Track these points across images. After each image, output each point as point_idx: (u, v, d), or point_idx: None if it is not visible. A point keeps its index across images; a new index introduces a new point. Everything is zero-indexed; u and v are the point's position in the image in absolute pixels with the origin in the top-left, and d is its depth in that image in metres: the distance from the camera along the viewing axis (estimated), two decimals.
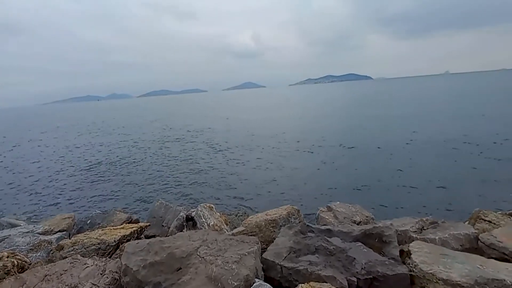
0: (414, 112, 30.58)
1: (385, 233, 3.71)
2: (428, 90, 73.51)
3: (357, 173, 12.31)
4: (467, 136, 17.15)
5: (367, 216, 5.41)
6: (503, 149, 13.78)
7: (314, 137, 20.69)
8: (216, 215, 5.53)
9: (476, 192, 9.51)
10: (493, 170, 11.26)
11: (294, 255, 3.51)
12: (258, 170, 13.81)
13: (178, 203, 9.56)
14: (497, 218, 5.47)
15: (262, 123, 31.65)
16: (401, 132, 20.02)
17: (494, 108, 28.68)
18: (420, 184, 10.54)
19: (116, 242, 4.54)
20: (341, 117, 32.50)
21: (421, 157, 13.71)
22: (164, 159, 17.48)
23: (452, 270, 2.81)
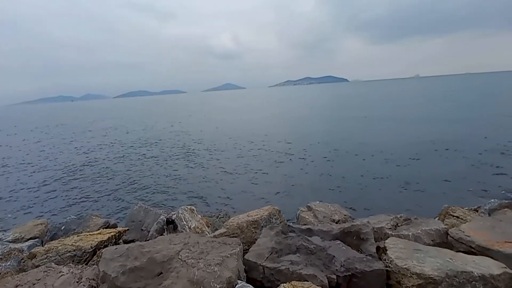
0: (387, 114, 31.90)
1: (363, 230, 3.82)
2: (400, 93, 76.95)
3: (334, 173, 12.62)
4: (434, 137, 18.13)
5: (345, 214, 5.55)
6: (467, 149, 14.70)
7: (293, 139, 20.97)
8: (197, 218, 5.43)
9: (444, 190, 10.07)
10: (459, 168, 11.97)
11: (276, 255, 3.52)
12: (238, 172, 13.77)
13: (158, 207, 9.31)
14: (464, 214, 5.82)
15: (241, 124, 31.66)
16: (375, 134, 20.80)
17: (459, 110, 30.58)
18: (393, 183, 10.99)
19: (93, 248, 4.33)
20: (319, 118, 33.22)
21: (393, 157, 14.30)
22: (142, 162, 16.96)
23: (425, 264, 2.94)
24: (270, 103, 74.82)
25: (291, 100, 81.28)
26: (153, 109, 79.61)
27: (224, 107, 69.47)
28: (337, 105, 51.32)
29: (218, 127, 30.69)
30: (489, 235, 3.61)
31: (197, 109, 67.40)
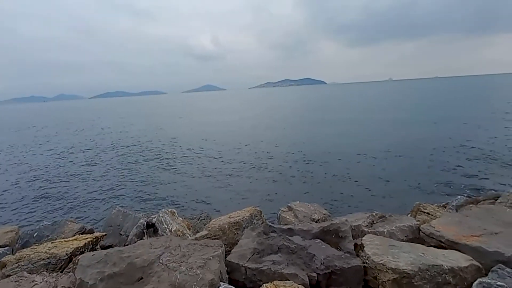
0: (361, 116, 33.01)
1: (341, 229, 3.91)
2: (374, 95, 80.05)
3: (313, 173, 12.85)
4: (404, 138, 19.04)
5: (324, 213, 5.65)
6: (435, 149, 15.53)
7: (272, 140, 21.17)
8: (178, 220, 5.31)
9: (415, 187, 10.58)
10: (428, 167, 12.63)
11: (257, 256, 3.52)
12: (218, 173, 13.66)
13: (137, 210, 9.01)
14: (434, 210, 6.12)
15: (221, 126, 31.49)
16: (350, 135, 21.46)
17: (428, 112, 32.26)
18: (368, 182, 11.38)
19: (69, 255, 4.10)
20: (298, 121, 33.77)
21: (367, 157, 14.82)
22: (119, 165, 16.36)
23: (400, 259, 3.06)
24: (251, 104, 75.04)
25: (271, 102, 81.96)
26: (131, 110, 77.16)
27: (204, 108, 68.78)
28: (315, 107, 52.44)
29: (198, 129, 30.34)
30: (457, 230, 3.82)
31: (177, 110, 66.17)
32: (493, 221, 4.02)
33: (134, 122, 40.82)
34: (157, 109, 73.94)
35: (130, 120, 45.62)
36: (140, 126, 35.33)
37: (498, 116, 26.49)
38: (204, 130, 28.90)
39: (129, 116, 55.19)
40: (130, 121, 43.71)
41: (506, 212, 4.28)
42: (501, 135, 18.20)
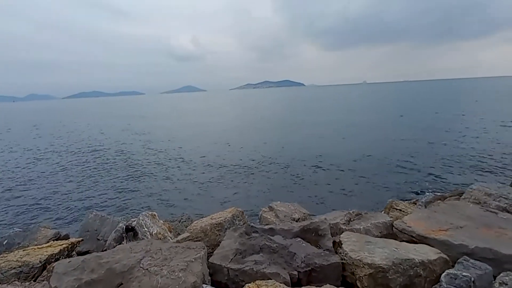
0: (338, 118, 33.95)
1: (320, 227, 3.99)
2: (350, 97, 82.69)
3: (293, 174, 13.01)
4: (378, 139, 19.82)
5: (304, 213, 5.74)
6: (405, 149, 16.31)
7: (252, 141, 21.25)
8: (159, 223, 5.16)
9: (389, 186, 11.03)
10: (399, 166, 13.21)
11: (240, 256, 3.50)
12: (199, 175, 13.47)
13: (116, 214, 8.66)
14: (405, 207, 6.42)
15: (201, 127, 31.13)
16: (327, 137, 21.99)
17: (398, 114, 33.81)
18: (345, 181, 11.71)
19: (42, 262, 3.84)
20: (277, 121, 34.11)
21: (343, 158, 15.25)
22: (96, 167, 15.66)
23: (375, 254, 3.17)
24: (231, 106, 74.81)
25: (251, 103, 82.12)
26: (106, 111, 74.10)
27: (184, 109, 67.57)
28: (294, 109, 53.27)
29: (177, 130, 29.76)
30: (426, 225, 4.03)
31: (155, 111, 64.36)
32: (458, 215, 4.28)
33: (110, 124, 39.23)
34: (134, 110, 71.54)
35: (106, 121, 43.79)
36: (116, 127, 33.98)
37: (459, 118, 28.33)
38: (184, 131, 28.38)
39: (105, 117, 52.94)
40: (106, 122, 41.95)
41: (469, 207, 4.57)
42: (463, 135, 19.47)
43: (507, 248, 3.21)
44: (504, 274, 2.68)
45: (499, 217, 4.13)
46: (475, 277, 2.66)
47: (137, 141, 23.40)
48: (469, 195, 5.23)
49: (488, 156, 14.02)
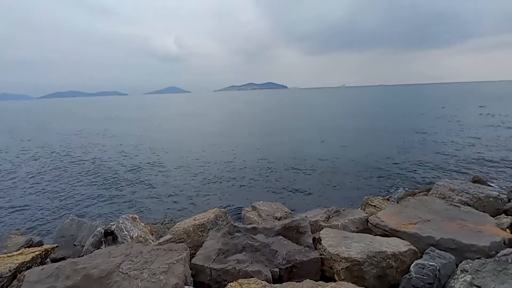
0: (318, 120, 34.77)
1: (301, 224, 4.08)
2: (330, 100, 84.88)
3: (275, 174, 13.12)
4: (355, 140, 20.53)
5: (286, 211, 5.82)
6: (380, 149, 17.02)
7: (235, 142, 21.20)
8: (140, 226, 5.02)
9: (365, 184, 11.44)
10: (374, 165, 13.75)
11: (223, 256, 3.49)
12: (182, 176, 13.22)
13: (94, 218, 8.30)
14: (379, 203, 6.70)
15: (183, 129, 30.60)
16: (307, 139, 22.32)
17: (374, 116, 35.24)
18: (325, 181, 11.99)
19: (12, 271, 3.59)
20: (260, 123, 34.28)
21: (322, 158, 15.59)
22: (73, 169, 14.90)
23: (351, 249, 3.29)
24: (215, 107, 74.17)
25: (235, 105, 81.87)
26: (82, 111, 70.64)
27: (167, 111, 65.97)
28: (277, 111, 53.75)
29: (159, 132, 29.01)
30: (397, 219, 4.24)
31: (137, 112, 62.30)
32: (426, 210, 4.54)
33: (87, 125, 37.43)
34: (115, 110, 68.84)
35: (83, 122, 41.73)
36: (93, 129, 32.47)
37: (428, 121, 30.03)
38: (165, 133, 27.67)
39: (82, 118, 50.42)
40: (82, 123, 39.99)
41: (436, 202, 4.86)
42: (431, 137, 20.65)
43: (467, 238, 3.46)
44: (464, 262, 2.89)
45: (461, 210, 4.44)
46: (440, 265, 2.85)
47: (116, 143, 22.49)
48: (436, 191, 5.57)
49: (453, 156, 14.97)
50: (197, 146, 20.13)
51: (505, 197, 5.16)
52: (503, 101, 50.97)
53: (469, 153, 15.29)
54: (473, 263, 2.83)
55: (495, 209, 4.91)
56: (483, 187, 5.47)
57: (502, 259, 2.80)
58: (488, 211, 4.81)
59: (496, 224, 4.05)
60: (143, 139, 23.94)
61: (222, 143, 21.06)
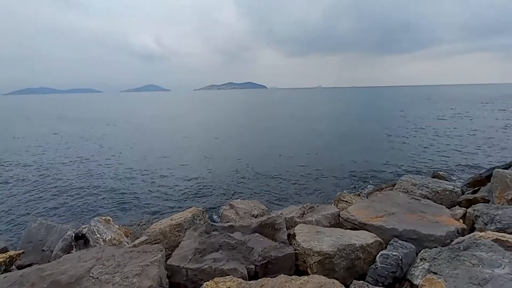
0: (295, 119, 35.36)
1: (277, 221, 4.12)
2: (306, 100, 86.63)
3: (253, 172, 13.12)
4: (329, 138, 21.17)
5: (263, 209, 5.86)
6: (352, 148, 17.69)
7: (212, 141, 20.99)
8: (114, 228, 4.79)
9: (338, 181, 11.82)
10: (347, 164, 14.25)
11: (199, 256, 3.43)
12: (158, 176, 12.77)
13: (65, 221, 7.79)
14: (351, 199, 6.95)
15: (159, 128, 29.63)
16: (283, 136, 22.70)
17: (347, 116, 36.55)
18: (301, 178, 12.19)
19: None
20: (236, 122, 34.15)
21: (298, 156, 15.88)
22: (40, 168, 13.86)
23: (323, 243, 3.38)
24: (195, 106, 72.71)
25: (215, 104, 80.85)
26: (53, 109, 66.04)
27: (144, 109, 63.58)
28: (256, 110, 53.88)
29: (134, 129, 27.91)
30: (366, 213, 4.42)
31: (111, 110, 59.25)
32: (390, 203, 4.79)
33: (56, 122, 35.01)
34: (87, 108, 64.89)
35: (51, 121, 38.98)
36: (63, 127, 30.44)
37: (395, 120, 31.71)
38: (141, 131, 26.61)
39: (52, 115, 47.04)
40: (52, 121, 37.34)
41: (399, 196, 5.14)
42: (397, 136, 21.84)
43: (426, 229, 3.70)
44: (423, 251, 3.08)
45: (422, 203, 4.74)
46: (402, 255, 3.02)
47: (90, 143, 21.24)
48: (400, 186, 5.90)
49: (417, 153, 15.95)
50: (175, 145, 19.62)
51: (459, 190, 5.59)
52: (458, 103, 55.13)
53: (431, 150, 16.38)
54: (430, 252, 3.02)
55: (450, 201, 5.31)
56: (441, 182, 5.89)
57: (455, 247, 3.02)
58: (445, 203, 5.18)
59: (451, 215, 4.36)
60: (117, 138, 22.85)
61: (200, 142, 20.71)
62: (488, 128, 23.50)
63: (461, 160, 14.26)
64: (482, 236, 3.21)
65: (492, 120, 28.46)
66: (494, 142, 18.13)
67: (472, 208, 4.30)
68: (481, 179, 9.30)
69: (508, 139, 18.97)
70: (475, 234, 3.30)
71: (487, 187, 6.34)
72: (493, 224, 3.75)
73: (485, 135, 20.34)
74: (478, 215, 4.03)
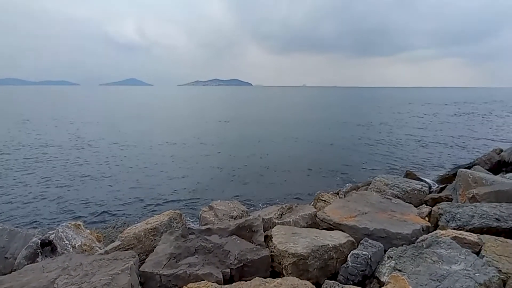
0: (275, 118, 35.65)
1: (254, 224, 4.16)
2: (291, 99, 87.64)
3: (232, 171, 13.08)
4: (310, 138, 21.62)
5: (242, 210, 5.87)
6: (332, 147, 18.20)
7: (193, 139, 20.67)
8: (84, 233, 4.59)
9: (318, 180, 12.11)
10: (326, 162, 14.65)
11: (174, 261, 3.39)
12: (136, 176, 12.34)
13: (30, 226, 7.35)
14: (329, 198, 7.13)
15: (138, 123, 28.70)
16: (267, 136, 22.81)
17: (328, 116, 37.44)
18: (281, 177, 12.39)
19: None
20: (219, 119, 33.84)
21: (278, 155, 16.07)
22: (4, 169, 12.95)
23: (298, 244, 3.47)
24: (180, 102, 71.03)
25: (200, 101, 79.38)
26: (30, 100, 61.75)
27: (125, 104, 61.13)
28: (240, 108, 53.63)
29: (109, 126, 26.79)
30: (341, 213, 4.59)
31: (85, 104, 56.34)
32: (364, 203, 5.00)
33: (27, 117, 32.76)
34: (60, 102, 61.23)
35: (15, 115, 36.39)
36: (30, 122, 28.55)
37: (373, 120, 33.00)
38: (116, 129, 25.51)
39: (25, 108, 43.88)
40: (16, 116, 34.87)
41: (373, 196, 5.38)
42: (374, 136, 22.76)
43: (395, 227, 3.92)
44: (390, 250, 3.26)
45: (392, 202, 5.00)
46: (371, 254, 3.17)
47: (59, 139, 20.05)
48: (374, 185, 6.17)
49: (391, 152, 16.73)
50: (154, 144, 19.08)
51: (426, 190, 5.95)
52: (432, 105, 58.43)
53: (405, 149, 17.27)
54: (396, 250, 3.21)
55: (418, 200, 5.64)
56: (411, 182, 6.24)
57: (419, 245, 3.23)
58: (414, 202, 5.50)
59: (418, 213, 4.64)
60: (91, 136, 21.80)
61: (180, 140, 20.26)
62: (456, 129, 25.19)
63: (432, 158, 15.18)
64: (443, 234, 3.45)
65: (461, 122, 30.54)
66: (461, 142, 19.48)
67: (436, 207, 4.60)
68: (448, 177, 10.02)
69: (472, 139, 20.48)
70: (437, 232, 3.55)
71: (453, 185, 6.84)
72: (454, 221, 4.04)
73: (453, 136, 21.78)
74: (442, 213, 4.31)
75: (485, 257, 3.05)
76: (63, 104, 59.55)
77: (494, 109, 48.03)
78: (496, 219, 3.87)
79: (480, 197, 4.86)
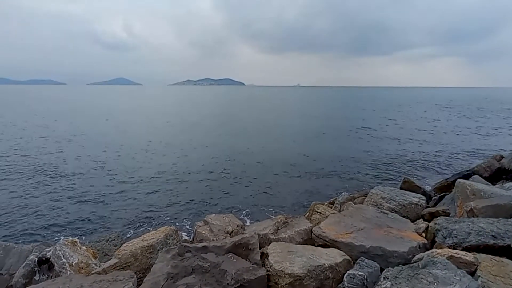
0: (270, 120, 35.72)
1: (250, 241, 4.24)
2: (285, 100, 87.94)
3: (226, 182, 13.05)
4: (304, 145, 21.71)
5: (238, 224, 5.93)
6: (328, 156, 18.32)
7: (185, 148, 20.48)
8: (81, 250, 4.64)
9: (313, 188, 12.18)
10: (321, 170, 14.72)
11: (171, 281, 3.47)
12: (128, 188, 12.20)
13: (25, 241, 7.37)
14: (324, 210, 7.22)
15: (129, 132, 28.18)
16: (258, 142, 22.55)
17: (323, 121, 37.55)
18: (276, 187, 12.42)
19: None
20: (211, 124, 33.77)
21: (273, 165, 16.01)
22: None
23: (294, 264, 3.56)
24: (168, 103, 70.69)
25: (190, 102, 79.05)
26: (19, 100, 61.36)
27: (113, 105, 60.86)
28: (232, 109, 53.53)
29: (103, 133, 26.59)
30: (336, 229, 4.68)
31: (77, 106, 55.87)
32: (360, 218, 5.10)
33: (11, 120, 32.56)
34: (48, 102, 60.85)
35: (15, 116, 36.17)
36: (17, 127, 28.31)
37: (369, 122, 33.18)
38: (107, 136, 25.03)
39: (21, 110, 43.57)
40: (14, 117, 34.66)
41: (369, 210, 5.49)
42: (370, 139, 22.94)
43: (391, 245, 4.02)
44: (386, 270, 3.36)
45: (389, 217, 5.11)
46: (367, 274, 3.27)
47: (51, 148, 19.95)
48: (370, 198, 6.28)
49: (388, 158, 16.89)
50: (146, 153, 18.91)
51: (423, 203, 6.07)
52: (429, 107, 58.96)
53: (402, 154, 17.44)
54: (392, 271, 3.30)
55: (415, 213, 5.75)
56: (407, 194, 6.35)
57: (415, 266, 3.33)
58: (411, 216, 5.62)
59: (415, 229, 4.75)
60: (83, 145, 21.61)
61: (172, 150, 19.81)
62: (454, 133, 25.44)
63: (430, 163, 15.36)
64: (439, 253, 3.56)
65: (461, 124, 30.84)
66: (460, 146, 19.70)
67: (433, 222, 4.72)
68: (447, 184, 10.12)
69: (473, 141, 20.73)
70: (433, 251, 3.65)
71: (451, 195, 6.96)
72: (451, 238, 4.15)
73: (452, 139, 22.01)
74: (439, 229, 4.43)
75: (480, 277, 3.15)
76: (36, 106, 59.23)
77: (494, 109, 48.68)
78: (492, 236, 3.98)
79: (478, 211, 4.97)
